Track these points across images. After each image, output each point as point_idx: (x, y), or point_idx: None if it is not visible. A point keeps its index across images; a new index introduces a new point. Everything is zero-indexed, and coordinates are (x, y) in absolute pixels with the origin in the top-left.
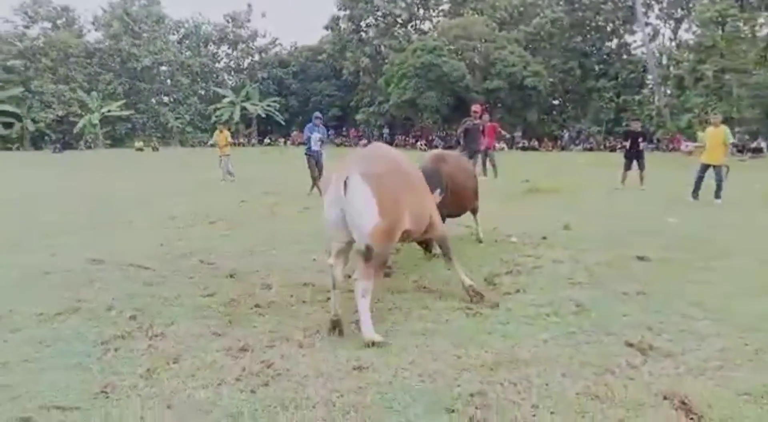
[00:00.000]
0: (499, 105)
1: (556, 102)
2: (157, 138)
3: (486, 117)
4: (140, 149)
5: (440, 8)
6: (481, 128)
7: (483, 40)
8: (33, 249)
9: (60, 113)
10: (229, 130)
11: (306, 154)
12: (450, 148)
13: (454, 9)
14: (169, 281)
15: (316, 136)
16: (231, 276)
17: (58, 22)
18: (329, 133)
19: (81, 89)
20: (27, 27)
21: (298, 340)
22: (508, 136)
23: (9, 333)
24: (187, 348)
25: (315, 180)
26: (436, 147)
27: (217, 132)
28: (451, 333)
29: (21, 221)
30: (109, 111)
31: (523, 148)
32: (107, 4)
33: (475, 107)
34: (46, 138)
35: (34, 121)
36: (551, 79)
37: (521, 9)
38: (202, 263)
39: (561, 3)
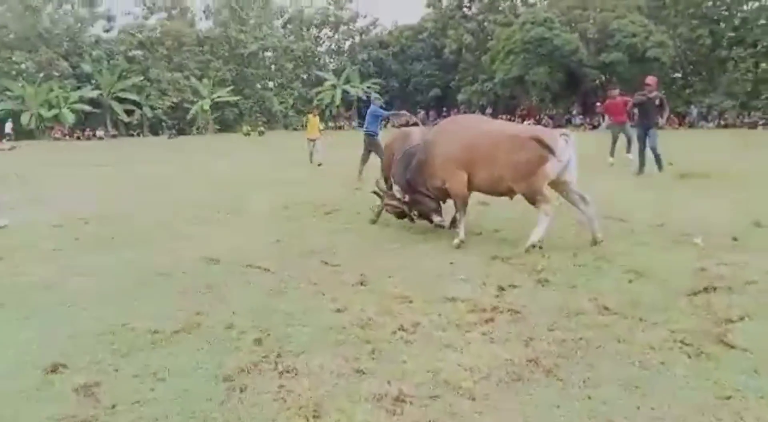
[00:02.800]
0: (616, 79)
1: (678, 75)
2: (262, 122)
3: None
4: (247, 134)
5: None
6: (658, 102)
7: (599, 10)
8: (152, 242)
9: (175, 100)
10: (321, 114)
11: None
12: (559, 126)
13: None
14: (291, 289)
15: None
16: (361, 284)
17: (173, 12)
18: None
19: (193, 76)
20: (146, 18)
21: (467, 389)
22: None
23: (121, 357)
24: (326, 393)
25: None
26: (545, 126)
27: (310, 116)
28: (676, 386)
29: (141, 212)
30: (219, 97)
31: None
32: None
33: (649, 79)
34: (163, 124)
35: (152, 108)
36: (674, 51)
37: None
38: (325, 265)
39: None
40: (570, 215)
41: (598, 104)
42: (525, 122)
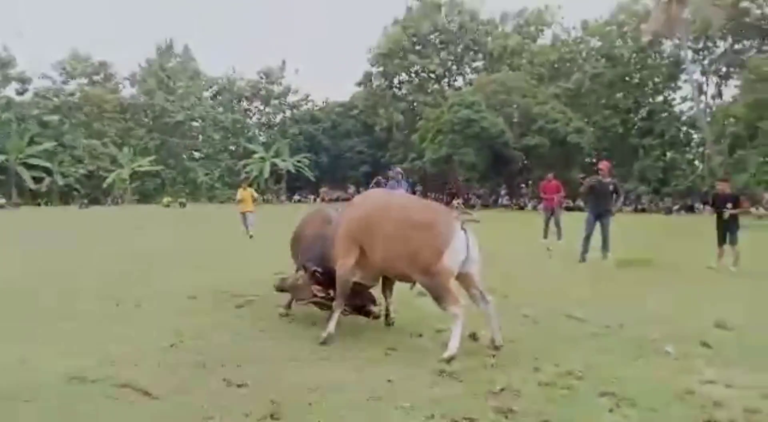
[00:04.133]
0: (539, 162)
1: (594, 160)
2: (185, 194)
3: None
4: (167, 205)
5: (474, 64)
6: (611, 187)
7: (522, 96)
8: (9, 346)
9: (90, 168)
10: (250, 186)
11: None
12: (486, 207)
13: (490, 65)
14: None
15: (399, 192)
16: (272, 416)
17: (95, 77)
18: (411, 187)
19: (113, 144)
20: (65, 82)
21: None
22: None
23: None
24: None
25: None
26: (473, 206)
27: (240, 190)
28: None
29: (13, 303)
30: (139, 166)
31: (568, 209)
32: (144, 60)
33: (603, 164)
34: (75, 193)
35: (63, 175)
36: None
37: (557, 65)
38: (227, 385)
39: (601, 59)
40: (519, 311)
41: (523, 186)
42: (454, 200)
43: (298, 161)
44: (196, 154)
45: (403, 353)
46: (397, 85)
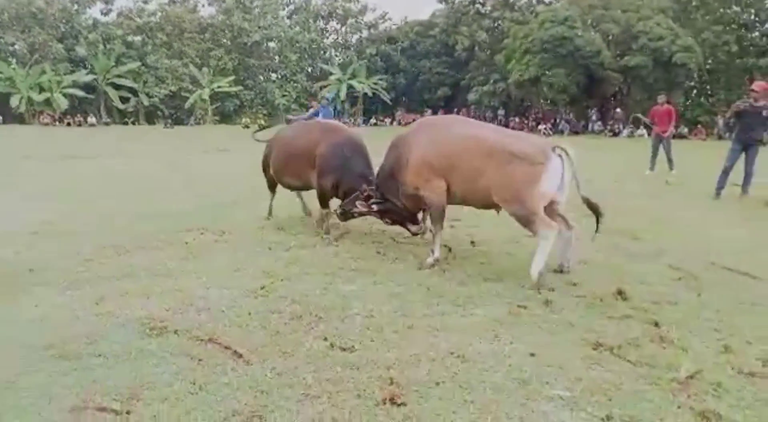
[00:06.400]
0: (638, 85)
1: (692, 83)
2: (263, 115)
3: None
4: (246, 126)
5: None
6: (766, 113)
7: (623, 10)
8: (82, 280)
9: (173, 88)
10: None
11: None
12: (576, 133)
13: None
14: (271, 408)
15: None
16: (392, 401)
17: None
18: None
19: (193, 64)
20: (146, 2)
21: None
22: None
23: None
24: None
25: None
26: (562, 132)
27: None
28: None
29: (86, 230)
30: (218, 87)
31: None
32: None
33: (758, 85)
34: (159, 113)
35: (148, 95)
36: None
37: None
38: (331, 348)
39: None
40: (662, 260)
41: (618, 110)
42: (540, 126)
43: (375, 83)
44: (273, 76)
45: (536, 312)
46: (481, 1)
